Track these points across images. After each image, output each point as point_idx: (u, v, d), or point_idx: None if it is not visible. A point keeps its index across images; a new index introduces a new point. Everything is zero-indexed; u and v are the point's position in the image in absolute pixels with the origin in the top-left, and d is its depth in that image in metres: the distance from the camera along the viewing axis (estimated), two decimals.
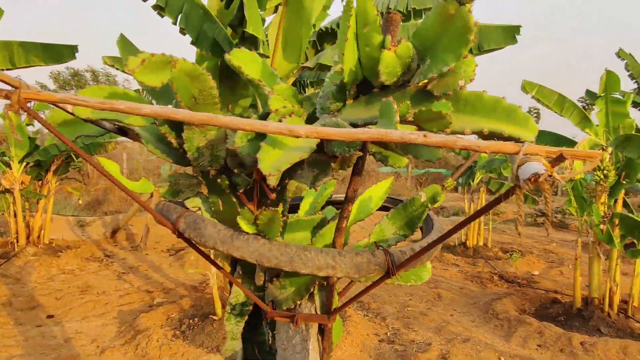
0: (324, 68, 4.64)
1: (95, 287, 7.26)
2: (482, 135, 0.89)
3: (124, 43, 5.49)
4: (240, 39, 4.34)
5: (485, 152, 0.78)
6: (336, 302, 1.35)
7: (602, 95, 6.11)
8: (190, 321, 5.48)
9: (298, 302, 1.31)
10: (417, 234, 1.55)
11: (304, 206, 1.39)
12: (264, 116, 1.06)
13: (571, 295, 7.18)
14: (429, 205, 1.23)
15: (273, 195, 1.29)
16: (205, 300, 6.38)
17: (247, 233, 1.04)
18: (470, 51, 4.45)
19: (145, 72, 1.03)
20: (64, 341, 5.12)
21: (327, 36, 5.27)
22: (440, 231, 1.23)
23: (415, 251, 1.09)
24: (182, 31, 4.86)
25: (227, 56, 1.05)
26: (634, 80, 7.54)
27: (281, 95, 1.00)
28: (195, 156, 1.19)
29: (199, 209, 1.30)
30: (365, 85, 1.00)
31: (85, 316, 6.02)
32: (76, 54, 5.88)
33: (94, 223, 11.35)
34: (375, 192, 1.43)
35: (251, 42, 4.23)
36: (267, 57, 4.28)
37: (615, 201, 6.12)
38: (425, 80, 0.91)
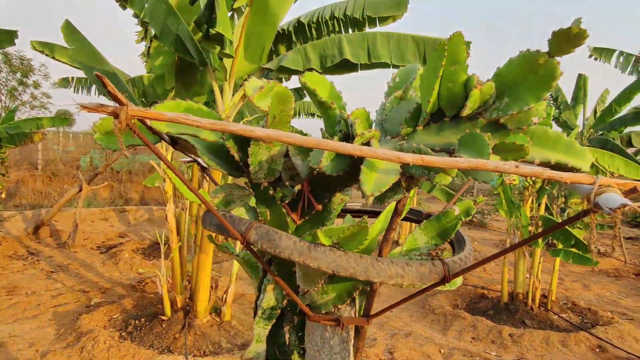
0: (286, 71, 4.69)
1: (22, 287, 6.82)
2: (548, 165, 1.04)
3: (70, 30, 5.22)
4: (204, 37, 4.30)
5: (566, 182, 0.93)
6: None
7: None
8: (137, 322, 5.33)
9: (338, 307, 1.41)
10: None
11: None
12: (344, 138, 1.14)
13: (497, 291, 7.76)
14: (462, 218, 1.38)
15: (319, 207, 1.37)
16: (148, 301, 6.21)
17: (323, 245, 1.12)
18: (425, 62, 4.70)
19: (261, 98, 1.08)
20: None
21: (283, 38, 5.31)
22: (470, 247, 1.38)
23: (468, 264, 1.23)
24: (144, 24, 4.72)
25: (302, 79, 1.12)
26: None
27: (359, 119, 1.09)
28: (256, 169, 1.24)
29: None
30: (436, 115, 1.12)
31: (17, 318, 5.66)
32: (16, 40, 5.50)
33: (13, 218, 10.59)
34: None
35: (216, 40, 4.21)
36: (232, 57, 4.28)
37: (539, 205, 6.69)
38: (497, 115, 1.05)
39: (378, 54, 4.56)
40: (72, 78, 10.15)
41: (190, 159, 1.87)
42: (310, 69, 4.62)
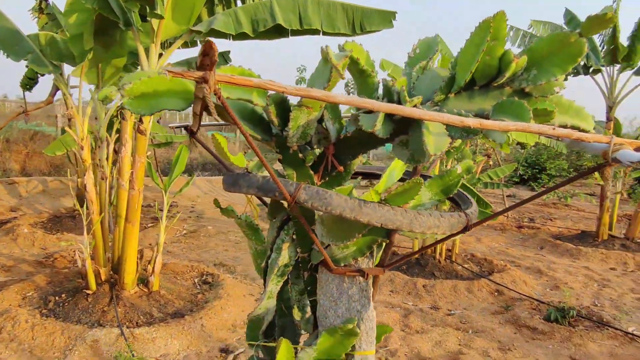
0: (216, 34, 4.58)
1: None
2: (564, 127, 1.24)
3: None
4: None
5: (589, 141, 1.12)
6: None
7: None
8: (56, 298, 5.04)
9: (357, 259, 1.54)
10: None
11: (392, 174, 1.59)
12: (390, 102, 1.24)
13: (409, 248, 8.39)
14: (464, 176, 1.55)
15: (341, 168, 1.47)
16: (62, 276, 5.86)
17: (371, 202, 1.22)
18: (354, 31, 4.84)
19: (344, 68, 1.12)
20: None
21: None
22: (475, 203, 1.57)
23: (485, 216, 1.41)
24: None
25: (345, 47, 1.19)
26: None
27: (404, 86, 1.19)
28: (294, 133, 1.31)
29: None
30: (468, 83, 1.26)
31: None
32: None
33: None
34: (398, 166, 1.70)
35: (146, 0, 4.01)
36: (162, 17, 4.10)
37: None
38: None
39: (309, 20, 4.61)
40: None
41: (178, 125, 1.86)
42: (243, 33, 4.56)
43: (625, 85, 8.49)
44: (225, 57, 5.52)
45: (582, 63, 8.31)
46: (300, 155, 1.40)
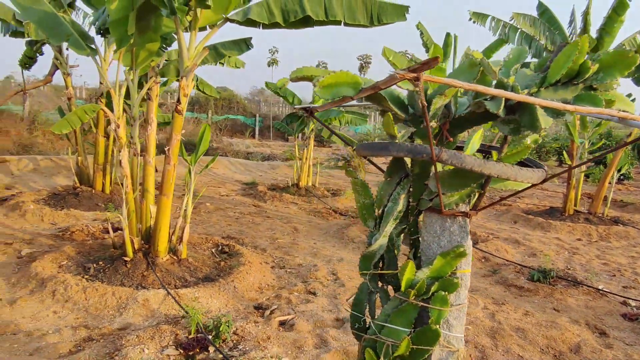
0: (250, 23, 5.02)
1: None
2: (624, 112, 1.85)
3: None
4: None
5: (636, 120, 1.74)
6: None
7: None
8: (95, 265, 5.44)
9: (458, 204, 2.12)
10: None
11: (472, 145, 2.16)
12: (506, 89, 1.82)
13: None
14: (532, 146, 2.15)
15: (451, 139, 2.05)
16: (88, 247, 6.23)
17: (491, 160, 1.80)
18: (372, 23, 5.38)
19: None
20: None
21: None
22: (544, 166, 2.17)
23: (555, 172, 2.02)
24: None
25: (476, 54, 1.75)
26: None
27: (517, 84, 1.77)
28: (433, 112, 1.88)
29: None
30: (556, 81, 1.85)
31: None
32: None
33: None
34: (476, 139, 2.29)
35: None
36: (209, 7, 4.52)
37: None
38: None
39: (334, 12, 5.11)
40: None
41: (300, 107, 2.37)
42: (274, 23, 5.02)
43: None
44: (247, 43, 5.95)
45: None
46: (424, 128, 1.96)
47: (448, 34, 9.17)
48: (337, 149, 21.96)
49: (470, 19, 9.46)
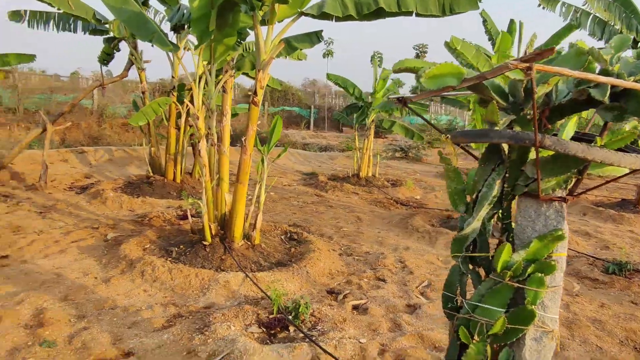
0: (325, 17, 5.15)
1: (25, 227, 6.87)
2: None
3: None
4: None
5: None
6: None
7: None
8: (176, 249, 5.79)
9: (554, 190, 2.18)
10: None
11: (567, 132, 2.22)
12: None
13: None
14: (636, 132, 2.17)
15: (549, 126, 2.11)
16: (167, 232, 6.62)
17: (595, 146, 1.86)
18: (444, 13, 5.38)
19: None
20: (56, 276, 5.08)
21: None
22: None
23: None
24: None
25: (576, 44, 1.80)
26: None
27: (619, 69, 1.81)
28: (537, 101, 1.94)
29: None
30: None
31: (46, 254, 5.85)
32: None
33: None
34: (571, 125, 2.33)
35: None
36: (287, 2, 4.68)
37: None
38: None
39: (406, 3, 5.16)
40: (25, 11, 9.56)
41: (395, 96, 2.48)
42: (348, 16, 5.13)
43: None
44: (318, 35, 6.10)
45: None
46: (529, 116, 2.03)
47: (512, 21, 8.99)
48: (395, 140, 21.88)
49: (539, 5, 9.19)
